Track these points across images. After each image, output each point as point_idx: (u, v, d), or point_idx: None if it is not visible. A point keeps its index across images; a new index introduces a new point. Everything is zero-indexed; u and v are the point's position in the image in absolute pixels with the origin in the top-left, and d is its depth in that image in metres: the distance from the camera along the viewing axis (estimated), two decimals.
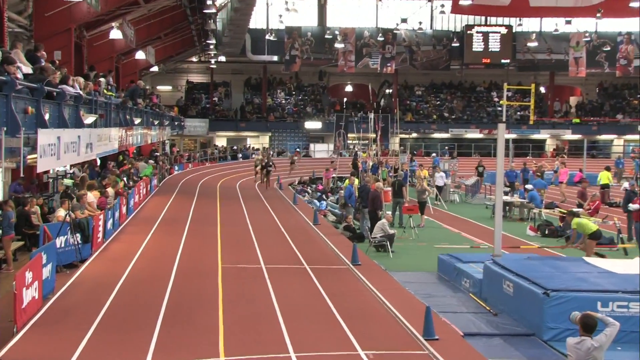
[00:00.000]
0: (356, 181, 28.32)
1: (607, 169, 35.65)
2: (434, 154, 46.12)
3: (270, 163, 38.98)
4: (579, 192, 27.94)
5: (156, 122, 35.45)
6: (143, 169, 33.05)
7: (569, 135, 62.92)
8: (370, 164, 37.58)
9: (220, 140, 60.88)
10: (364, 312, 13.23)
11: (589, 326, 8.17)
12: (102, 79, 23.79)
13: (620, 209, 25.91)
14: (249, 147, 58.76)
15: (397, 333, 11.79)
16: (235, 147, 57.52)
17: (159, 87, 62.70)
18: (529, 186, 30.21)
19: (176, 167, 46.21)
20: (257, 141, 60.99)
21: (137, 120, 27.67)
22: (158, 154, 42.08)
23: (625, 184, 31.81)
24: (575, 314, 8.48)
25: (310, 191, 38.00)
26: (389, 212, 24.97)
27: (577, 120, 62.60)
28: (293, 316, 12.69)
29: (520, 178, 35.24)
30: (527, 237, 24.01)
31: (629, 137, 61.18)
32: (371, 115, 43.51)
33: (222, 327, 11.89)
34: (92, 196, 19.78)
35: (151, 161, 36.73)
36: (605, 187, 34.38)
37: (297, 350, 10.66)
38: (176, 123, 49.37)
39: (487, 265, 15.07)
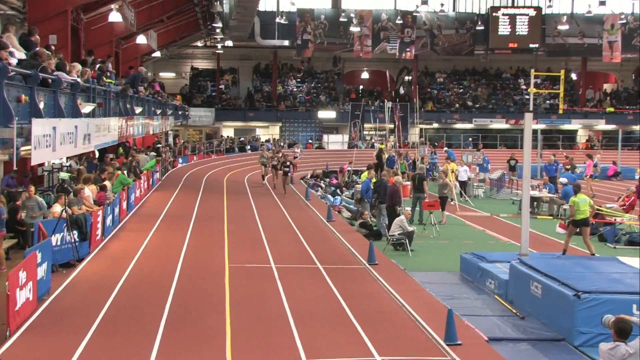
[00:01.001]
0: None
1: None
2: (445, 148, 45.85)
3: (288, 162, 34.06)
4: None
5: (158, 112, 35.51)
6: (145, 161, 33.15)
7: (602, 126, 62.62)
8: (386, 156, 37.55)
9: (227, 131, 60.97)
10: (381, 315, 13.23)
11: (623, 331, 8.13)
12: (100, 65, 23.86)
13: None
14: (258, 138, 58.84)
15: (417, 337, 11.79)
16: (243, 139, 57.60)
17: (162, 74, 62.83)
18: (563, 179, 30.09)
19: (180, 160, 46.33)
20: (267, 132, 61.06)
21: (138, 110, 27.73)
22: (161, 145, 42.18)
23: None
24: (608, 317, 8.44)
25: (323, 185, 38.01)
26: (408, 208, 24.93)
27: (611, 110, 62.25)
28: (305, 319, 12.70)
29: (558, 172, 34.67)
30: (556, 234, 23.93)
31: None
32: (389, 104, 43.45)
33: (229, 330, 11.93)
34: (89, 191, 19.86)
35: (153, 153, 36.85)
36: None
37: (310, 355, 10.68)
38: (180, 112, 49.44)
39: (514, 265, 15.04)
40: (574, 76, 65.76)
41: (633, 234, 22.47)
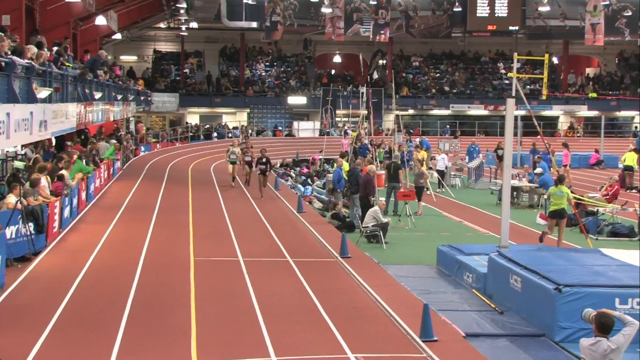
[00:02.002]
0: (345, 164, 28.31)
1: (637, 150, 35.86)
2: (418, 139, 45.77)
3: (264, 159, 28.42)
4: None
5: (119, 97, 35.27)
6: (105, 149, 32.94)
7: (584, 112, 63.13)
8: (358, 144, 37.61)
9: (192, 118, 60.71)
10: (354, 310, 13.26)
11: (605, 326, 8.21)
12: (57, 48, 23.65)
13: None
14: (225, 124, 58.63)
15: (391, 334, 11.84)
16: (209, 125, 57.38)
17: (123, 57, 62.37)
18: (539, 169, 30.30)
19: (142, 148, 46.08)
20: (234, 118, 60.87)
21: (98, 95, 27.53)
22: (122, 133, 41.91)
23: None
24: (589, 311, 8.52)
25: (293, 175, 38.00)
26: (382, 199, 25.00)
27: (594, 95, 62.76)
28: (274, 315, 12.71)
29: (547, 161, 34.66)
30: (537, 225, 24.11)
31: None
32: (362, 90, 43.50)
33: (194, 327, 11.91)
34: (45, 180, 19.70)
35: (114, 141, 36.60)
36: (628, 169, 34.58)
37: (279, 353, 10.69)
38: (142, 98, 49.14)
39: (492, 257, 15.13)
40: (555, 60, 66.15)
41: (616, 225, 22.70)
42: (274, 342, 11.14)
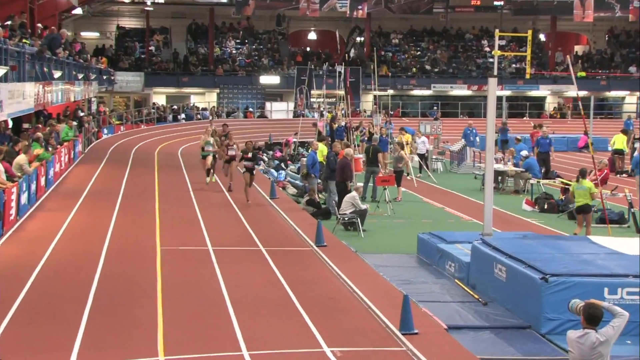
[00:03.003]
0: (323, 147, 28.30)
1: (624, 132, 36.05)
2: (405, 128, 45.62)
3: (250, 154, 24.00)
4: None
5: (80, 76, 35.01)
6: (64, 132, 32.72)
7: (572, 92, 63.45)
8: (335, 126, 37.58)
9: (158, 98, 60.40)
10: (330, 302, 13.28)
11: (594, 317, 8.26)
12: (12, 23, 23.42)
13: (633, 180, 26.24)
14: (193, 105, 58.41)
15: (369, 327, 11.87)
16: (176, 107, 57.12)
17: (84, 34, 61.87)
18: (524, 152, 30.44)
19: (105, 130, 45.81)
20: (203, 99, 60.63)
21: (57, 74, 27.32)
22: (83, 114, 41.63)
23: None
24: (576, 302, 8.56)
25: (266, 159, 37.95)
26: (360, 184, 25.03)
27: (583, 74, 63.03)
28: (246, 308, 12.70)
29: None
30: (522, 212, 24.26)
31: None
32: (339, 69, 43.42)
33: (161, 321, 11.87)
34: (0, 165, 19.54)
35: (74, 123, 36.35)
36: (618, 152, 34.79)
37: (251, 347, 10.69)
38: (105, 77, 48.80)
39: (476, 245, 15.20)
40: (542, 37, 66.39)
41: (607, 211, 22.83)
42: (246, 336, 11.14)
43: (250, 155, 23.80)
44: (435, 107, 58.93)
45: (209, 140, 26.76)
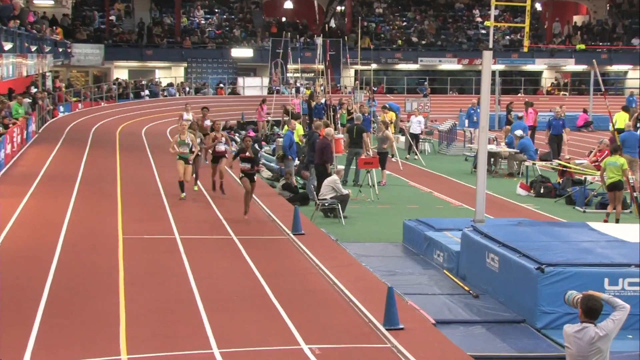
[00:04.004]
0: (299, 127, 28.24)
1: (625, 109, 36.16)
2: (388, 104, 45.35)
3: (247, 153, 19.42)
4: None
5: (34, 49, 34.74)
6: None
7: (571, 66, 63.71)
8: (313, 103, 37.53)
9: (120, 73, 60.11)
10: (308, 295, 13.31)
11: (593, 310, 8.31)
12: None
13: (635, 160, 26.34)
14: (158, 81, 58.17)
15: (351, 322, 11.91)
16: (140, 82, 56.86)
17: (37, 2, 61.32)
18: (518, 132, 30.52)
19: (61, 108, 45.55)
20: (169, 74, 60.41)
21: (8, 46, 27.09)
22: (37, 90, 41.38)
23: None
24: (573, 293, 8.62)
25: (238, 139, 37.86)
26: (342, 167, 25.03)
27: (582, 47, 63.13)
28: (217, 302, 12.71)
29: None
30: (517, 197, 24.35)
31: None
32: (318, 41, 43.31)
33: (123, 316, 11.87)
34: None
35: (27, 100, 36.13)
36: (621, 132, 34.90)
37: (222, 345, 10.70)
38: (61, 50, 48.46)
39: (466, 233, 15.25)
40: (538, 6, 66.49)
41: (605, 195, 22.97)
42: (216, 333, 11.14)
43: (248, 154, 19.34)
44: (425, 83, 58.92)
45: (184, 139, 21.45)
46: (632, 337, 11.59)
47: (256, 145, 29.01)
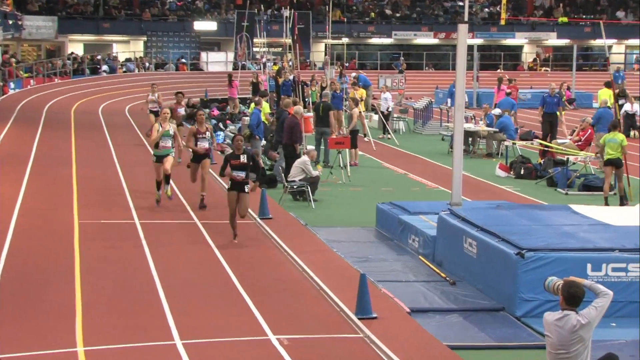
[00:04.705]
0: (265, 105, 28.18)
1: (608, 85, 36.30)
2: (353, 74, 45.08)
3: (242, 156, 16.08)
4: None
5: None
6: None
7: (553, 40, 63.94)
8: (281, 80, 37.47)
9: (75, 47, 59.69)
10: (276, 283, 13.33)
11: (575, 297, 8.36)
12: None
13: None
14: (116, 56, 57.82)
15: (322, 311, 11.94)
16: (99, 57, 56.50)
17: None
18: (497, 110, 30.61)
19: (12, 85, 45.22)
20: (127, 48, 60.06)
21: None
22: None
23: (626, 106, 32.50)
24: (553, 280, 8.68)
25: (223, 134, 37.72)
26: (312, 147, 25.03)
27: (565, 20, 63.53)
28: (179, 291, 12.71)
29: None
30: (496, 178, 24.43)
31: (632, 41, 62.40)
32: (286, 13, 43.23)
33: (79, 307, 11.84)
34: None
35: None
36: None
37: (185, 336, 10.70)
38: (10, 22, 48.04)
39: (443, 217, 15.30)
40: None
41: (589, 177, 23.13)
42: (179, 324, 11.14)
43: (243, 159, 15.99)
44: (400, 58, 58.89)
45: (168, 130, 18.78)
46: (616, 325, 11.70)
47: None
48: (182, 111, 25.92)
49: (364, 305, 11.52)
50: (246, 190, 15.85)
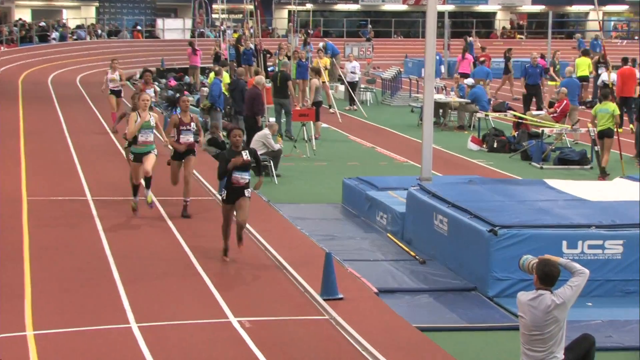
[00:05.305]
0: (226, 75, 28.07)
1: (585, 53, 36.45)
2: (321, 43, 44.72)
3: (245, 153, 13.62)
4: None
5: None
6: None
7: (527, 6, 64.10)
8: (242, 48, 37.31)
9: (22, 13, 59.17)
10: (237, 263, 13.32)
11: (549, 276, 8.44)
12: None
13: (576, 107, 26.72)
14: (66, 22, 57.34)
15: (285, 292, 11.96)
16: (45, 24, 56.03)
17: None
18: (469, 80, 30.65)
19: None
20: (78, 15, 59.59)
21: None
22: None
23: (603, 76, 32.65)
24: (528, 258, 8.74)
25: (158, 89, 37.53)
26: (274, 119, 25.00)
27: None
28: (134, 271, 12.70)
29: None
30: (468, 152, 24.51)
31: (610, 8, 62.66)
32: None
33: (29, 288, 11.80)
34: None
35: None
36: (582, 79, 35.25)
37: (141, 319, 10.69)
38: None
39: (412, 193, 15.33)
40: None
41: (565, 150, 23.26)
42: (134, 306, 11.12)
43: (246, 156, 13.54)
44: (368, 26, 58.80)
45: (148, 120, 16.08)
46: (592, 305, 11.81)
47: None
48: (151, 94, 23.04)
49: (329, 285, 11.54)
50: (247, 194, 13.46)
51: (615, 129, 20.77)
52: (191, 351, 9.89)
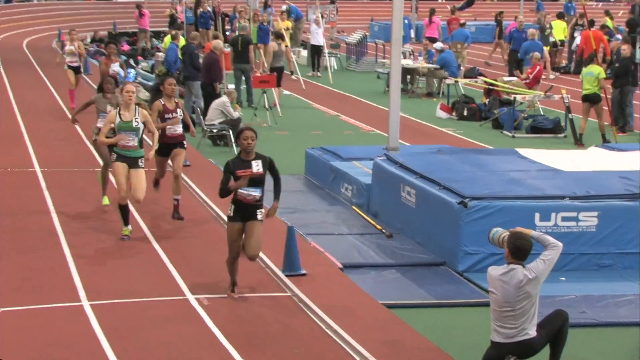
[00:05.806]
0: (182, 40, 27.93)
1: (561, 16, 36.57)
2: (284, 6, 44.24)
3: (255, 160, 12.10)
4: None
5: None
6: None
7: None
8: (199, 11, 37.11)
9: None
10: (194, 237, 13.33)
11: (521, 250, 8.49)
12: None
13: (572, 77, 26.86)
14: None
15: (245, 267, 11.92)
16: None
17: None
18: (438, 44, 30.65)
19: None
20: None
21: None
22: None
23: (578, 39, 32.81)
24: (498, 231, 8.79)
25: (124, 63, 37.28)
26: (232, 86, 24.92)
27: None
28: (86, 246, 12.67)
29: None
30: (436, 120, 24.56)
31: None
32: None
33: None
34: None
35: None
36: (556, 45, 35.41)
37: (93, 297, 10.67)
38: None
39: (378, 163, 15.35)
40: None
41: (537, 118, 23.34)
42: (86, 283, 11.10)
43: (258, 167, 11.99)
44: None
45: (129, 122, 13.49)
46: (566, 280, 11.90)
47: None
48: (117, 69, 21.78)
49: (291, 261, 11.58)
50: (259, 216, 11.31)
51: (602, 94, 20.96)
52: (144, 329, 9.88)
